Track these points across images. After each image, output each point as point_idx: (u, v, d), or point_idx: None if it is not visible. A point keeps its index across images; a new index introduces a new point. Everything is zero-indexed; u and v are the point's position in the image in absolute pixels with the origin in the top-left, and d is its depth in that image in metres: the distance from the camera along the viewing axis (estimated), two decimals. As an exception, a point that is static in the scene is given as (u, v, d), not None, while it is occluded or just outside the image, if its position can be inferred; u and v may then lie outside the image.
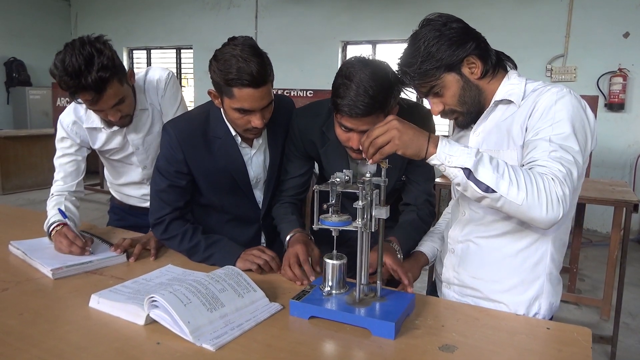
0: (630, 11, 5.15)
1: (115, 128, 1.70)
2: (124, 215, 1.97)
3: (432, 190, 1.58)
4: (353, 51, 7.07)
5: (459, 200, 1.29)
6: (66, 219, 1.54)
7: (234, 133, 1.52)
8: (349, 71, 1.26)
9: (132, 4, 8.47)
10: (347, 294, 1.18)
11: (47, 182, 1.93)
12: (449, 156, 1.01)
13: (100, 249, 1.51)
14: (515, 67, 1.23)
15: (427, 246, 1.44)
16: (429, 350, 0.99)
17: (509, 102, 1.17)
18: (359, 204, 1.10)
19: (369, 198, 1.10)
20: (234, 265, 1.39)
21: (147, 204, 1.88)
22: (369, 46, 6.95)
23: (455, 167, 1.01)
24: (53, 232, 1.53)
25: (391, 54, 6.89)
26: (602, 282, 3.57)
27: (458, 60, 1.14)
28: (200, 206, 1.61)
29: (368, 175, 1.11)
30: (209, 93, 1.47)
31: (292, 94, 5.38)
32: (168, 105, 1.74)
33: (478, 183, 0.99)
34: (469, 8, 6.04)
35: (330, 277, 1.19)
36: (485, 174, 0.99)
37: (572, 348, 1.00)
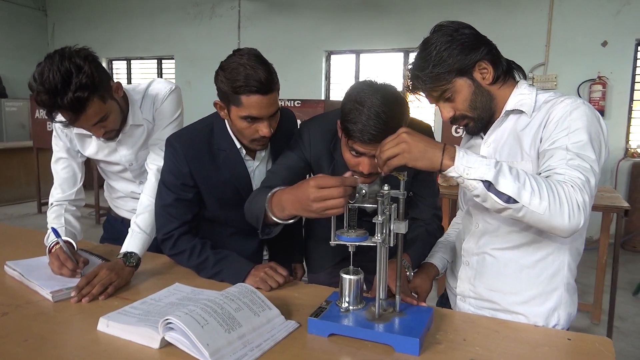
0: (608, 20, 5.30)
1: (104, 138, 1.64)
2: (120, 228, 1.91)
3: (438, 204, 1.57)
4: (337, 60, 7.11)
5: (471, 212, 1.28)
6: (59, 238, 1.48)
7: (238, 145, 1.50)
8: (360, 96, 1.23)
9: (112, 13, 8.36)
10: (365, 309, 1.16)
11: (25, 196, 1.85)
12: (468, 168, 1.00)
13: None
14: (524, 76, 1.23)
15: (437, 258, 1.42)
16: (455, 366, 0.98)
17: (520, 112, 1.17)
18: (379, 218, 1.08)
19: (387, 213, 1.09)
20: (243, 282, 1.36)
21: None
22: (353, 56, 6.98)
23: (474, 179, 0.99)
24: (53, 250, 1.47)
25: (375, 64, 6.94)
26: (590, 286, 3.63)
27: (470, 65, 1.15)
28: (204, 220, 1.57)
29: (386, 187, 1.09)
30: (215, 104, 1.45)
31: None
32: (160, 118, 1.67)
33: (499, 194, 0.98)
34: (449, 18, 6.11)
35: (347, 293, 1.16)
36: (506, 185, 0.97)
37: (598, 358, 1.00)
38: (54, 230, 1.50)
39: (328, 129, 1.48)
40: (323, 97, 7.07)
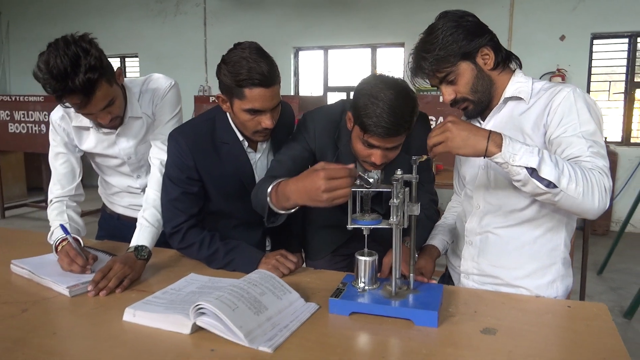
0: (565, 16, 5.57)
1: (105, 130, 1.64)
2: (117, 225, 1.91)
3: (434, 189, 1.66)
4: (305, 57, 7.15)
5: (471, 194, 1.37)
6: (68, 235, 1.48)
7: (241, 138, 1.53)
8: (374, 91, 1.28)
9: (70, 10, 8.10)
10: (380, 289, 1.22)
11: None
12: (513, 155, 1.06)
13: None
14: (520, 66, 1.32)
15: (437, 239, 1.51)
16: (473, 335, 1.06)
17: (518, 99, 1.26)
18: (394, 201, 1.15)
19: (401, 196, 1.16)
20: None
21: (137, 214, 1.84)
22: (321, 52, 7.04)
23: (519, 165, 1.06)
24: (60, 248, 1.46)
25: (343, 60, 7.03)
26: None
27: (474, 50, 1.23)
28: (208, 213, 1.60)
29: (399, 172, 1.16)
30: (217, 98, 1.48)
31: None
32: (161, 113, 1.68)
33: (540, 180, 1.05)
34: (415, 14, 6.28)
35: (363, 274, 1.23)
36: (548, 171, 1.05)
37: (597, 322, 1.10)
38: (63, 227, 1.49)
39: (332, 120, 1.53)
40: (292, 93, 7.11)
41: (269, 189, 1.30)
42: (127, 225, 1.88)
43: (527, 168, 1.06)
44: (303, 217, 1.87)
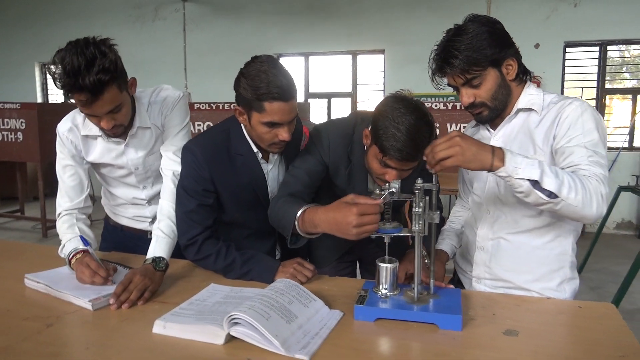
0: (539, 25, 5.78)
1: (114, 139, 1.64)
2: (121, 236, 1.90)
3: (438, 197, 1.71)
4: (286, 63, 7.16)
5: (483, 201, 1.42)
6: (88, 246, 1.47)
7: (255, 149, 1.56)
8: (395, 115, 1.31)
9: (45, 15, 7.94)
10: (401, 295, 1.27)
11: None
12: (516, 168, 1.11)
13: (122, 277, 1.46)
14: (530, 79, 1.38)
15: (445, 244, 1.56)
16: (496, 336, 1.11)
17: (529, 110, 1.33)
18: (416, 210, 1.19)
19: (422, 205, 1.20)
20: (273, 279, 1.43)
21: (142, 225, 1.85)
22: (302, 58, 7.10)
23: (521, 178, 1.11)
24: (73, 260, 1.46)
25: (324, 66, 7.09)
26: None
27: (502, 58, 1.28)
28: (221, 223, 1.62)
29: (420, 181, 1.21)
30: (234, 110, 1.50)
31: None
32: (171, 125, 1.68)
33: (543, 191, 1.11)
34: (395, 21, 6.41)
35: (384, 280, 1.27)
36: (549, 183, 1.11)
37: (609, 321, 1.17)
38: (83, 239, 1.49)
39: (345, 134, 1.57)
40: (273, 100, 7.12)
41: (298, 214, 1.33)
42: (131, 236, 1.89)
43: (529, 180, 1.12)
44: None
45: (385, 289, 1.27)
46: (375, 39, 6.59)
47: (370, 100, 7.04)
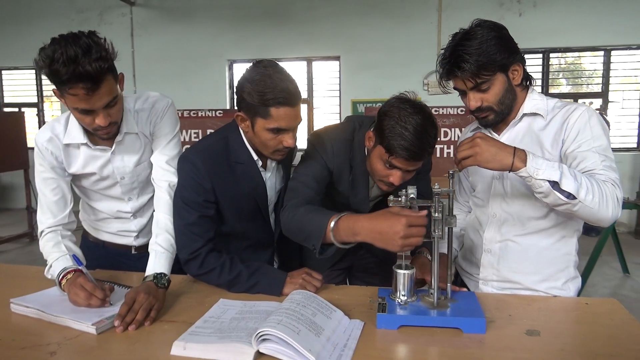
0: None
1: (99, 147, 1.54)
2: (102, 253, 1.78)
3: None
4: (240, 69, 7.08)
5: (487, 203, 1.45)
6: (81, 266, 1.37)
7: (255, 157, 1.51)
8: (402, 114, 1.31)
9: (-22, 18, 7.41)
10: (419, 301, 1.26)
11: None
12: (537, 170, 1.16)
13: (117, 299, 1.34)
14: (533, 85, 1.43)
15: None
16: (520, 337, 1.13)
17: (534, 115, 1.37)
18: (436, 215, 1.20)
19: (441, 210, 1.21)
20: (282, 291, 1.39)
21: (126, 240, 1.75)
22: (256, 64, 7.02)
23: (542, 179, 1.16)
24: (64, 281, 1.35)
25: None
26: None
27: (510, 64, 1.31)
28: (220, 235, 1.55)
29: (437, 186, 1.21)
30: (237, 117, 1.45)
31: (200, 115, 5.21)
32: (162, 133, 1.60)
33: (562, 192, 1.15)
34: (350, 28, 6.49)
35: (402, 287, 1.26)
36: (568, 184, 1.15)
37: (618, 316, 1.22)
38: (75, 258, 1.39)
39: (346, 139, 1.55)
40: (228, 107, 7.02)
41: (332, 223, 1.28)
42: (114, 252, 1.78)
43: (549, 181, 1.16)
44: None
45: (404, 295, 1.26)
46: (330, 46, 6.64)
47: (325, 107, 7.08)
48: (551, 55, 6.19)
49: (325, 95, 7.07)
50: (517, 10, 6.05)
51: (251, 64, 1.41)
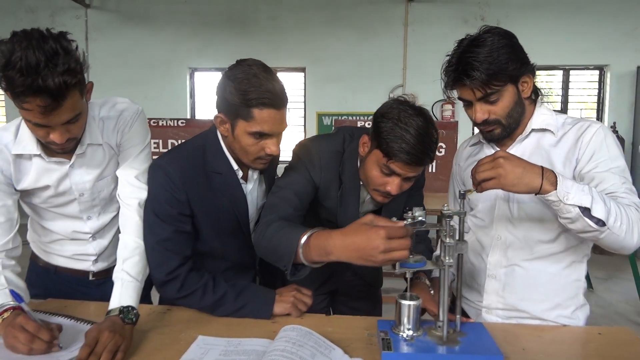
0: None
1: (55, 159, 1.34)
2: (54, 279, 1.55)
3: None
4: (201, 78, 6.84)
5: (491, 225, 1.34)
6: (22, 303, 1.16)
7: (235, 167, 1.36)
8: (402, 116, 1.21)
9: None
10: (426, 335, 1.14)
11: None
12: (567, 194, 1.05)
13: (72, 337, 1.15)
14: (542, 99, 1.34)
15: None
16: (541, 375, 1.02)
17: (544, 131, 1.28)
18: (448, 241, 1.08)
19: (452, 234, 1.09)
20: (272, 313, 1.27)
21: (83, 265, 1.54)
22: (219, 74, 6.81)
23: (572, 204, 1.05)
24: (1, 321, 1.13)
25: (244, 82, 6.87)
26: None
27: (520, 75, 1.21)
28: (197, 254, 1.37)
29: (446, 207, 1.10)
30: (215, 118, 1.30)
31: (161, 124, 4.95)
32: (130, 144, 1.41)
33: (591, 218, 1.05)
34: (315, 40, 6.40)
35: (406, 320, 1.13)
36: (599, 210, 1.05)
37: (632, 347, 1.14)
38: (14, 293, 1.16)
39: (336, 151, 1.42)
40: (189, 116, 6.76)
41: (302, 240, 1.13)
42: (68, 279, 1.56)
43: (580, 207, 1.06)
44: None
45: (409, 329, 1.13)
46: (296, 57, 6.52)
47: (290, 118, 6.94)
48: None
49: (290, 107, 6.92)
50: (480, 27, 6.14)
51: (219, 72, 1.26)
